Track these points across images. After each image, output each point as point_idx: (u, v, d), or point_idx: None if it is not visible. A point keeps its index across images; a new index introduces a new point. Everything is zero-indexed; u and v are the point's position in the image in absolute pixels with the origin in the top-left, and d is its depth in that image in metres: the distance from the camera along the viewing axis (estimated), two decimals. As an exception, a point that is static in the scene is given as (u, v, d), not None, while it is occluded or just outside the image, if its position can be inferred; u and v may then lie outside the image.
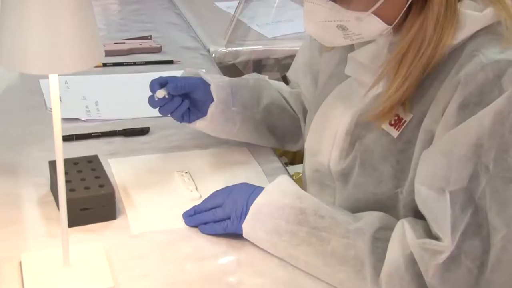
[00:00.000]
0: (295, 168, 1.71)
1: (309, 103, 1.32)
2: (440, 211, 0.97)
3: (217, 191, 1.18)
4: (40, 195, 1.22)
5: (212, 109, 1.30)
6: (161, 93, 1.26)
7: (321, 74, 1.27)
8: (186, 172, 1.29)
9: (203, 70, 1.36)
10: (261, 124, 1.36)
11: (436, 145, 0.99)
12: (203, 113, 1.30)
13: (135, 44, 1.88)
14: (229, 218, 1.12)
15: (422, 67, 1.01)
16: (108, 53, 1.80)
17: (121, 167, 1.32)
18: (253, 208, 1.10)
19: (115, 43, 1.88)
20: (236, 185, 1.16)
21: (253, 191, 1.12)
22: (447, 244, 0.96)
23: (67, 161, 1.07)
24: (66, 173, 0.98)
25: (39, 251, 1.07)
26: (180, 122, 1.32)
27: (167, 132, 1.45)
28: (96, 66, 1.70)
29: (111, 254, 1.08)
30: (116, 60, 1.80)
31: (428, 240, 0.99)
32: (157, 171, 1.32)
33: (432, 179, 0.98)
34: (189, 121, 1.32)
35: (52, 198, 1.21)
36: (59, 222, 1.00)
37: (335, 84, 1.18)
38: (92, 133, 1.43)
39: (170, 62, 1.82)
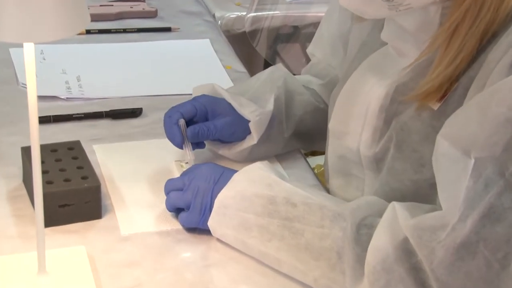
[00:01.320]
0: (316, 160, 1.71)
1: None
2: (456, 175, 0.94)
3: (185, 171, 1.19)
4: (10, 188, 1.22)
5: (246, 145, 1.30)
6: (191, 159, 1.24)
7: (351, 44, 1.27)
8: (187, 163, 1.29)
9: (240, 99, 1.31)
10: (290, 138, 1.36)
11: (474, 98, 0.97)
12: (226, 139, 1.30)
13: (125, 7, 1.89)
14: (188, 208, 1.13)
15: (480, 35, 1.00)
16: (93, 18, 1.80)
17: (108, 156, 1.32)
18: (217, 201, 1.11)
19: (101, 5, 1.88)
20: (201, 167, 1.17)
21: (219, 178, 1.13)
22: (450, 216, 0.94)
23: (43, 148, 1.08)
24: (42, 162, 0.99)
25: (9, 256, 1.07)
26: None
27: (163, 114, 1.45)
28: (78, 34, 1.70)
29: (95, 260, 1.09)
30: (103, 26, 1.80)
31: (423, 217, 0.97)
32: (151, 161, 1.32)
33: (458, 134, 0.95)
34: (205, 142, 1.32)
35: (25, 191, 1.21)
36: (34, 220, 1.00)
37: (367, 54, 1.18)
38: (74, 114, 1.43)
39: (167, 29, 1.82)
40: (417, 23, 1.07)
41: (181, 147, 1.26)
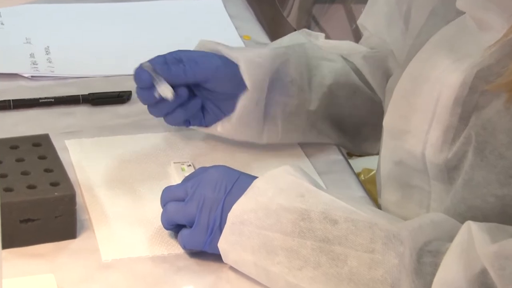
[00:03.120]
0: (362, 162, 1.71)
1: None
2: None
3: (188, 175, 1.20)
4: (-43, 196, 1.24)
5: (242, 102, 1.31)
6: (166, 91, 1.26)
7: (415, 14, 1.27)
8: (189, 165, 1.30)
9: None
10: (319, 117, 1.37)
11: None
12: (226, 111, 1.32)
13: (110, -45, 1.90)
14: (190, 224, 1.14)
15: None
16: (67, -30, 1.82)
17: (86, 154, 1.33)
18: (232, 216, 1.11)
19: (78, -47, 1.89)
20: (209, 170, 1.17)
21: (233, 185, 1.14)
22: None
23: (1, 143, 1.09)
24: (-1, 163, 1.00)
25: (-45, 286, 1.09)
26: (187, 127, 1.33)
27: (160, 100, 1.46)
28: (47, -9, 1.71)
29: (68, 293, 1.10)
30: (80, -19, 1.82)
31: (507, 242, 0.97)
32: (143, 162, 1.33)
33: None
34: (205, 125, 1.34)
35: (-24, 201, 1.23)
36: (-12, 240, 1.02)
37: (436, 27, 1.18)
38: (41, 98, 1.44)
39: (166, -15, 1.83)
40: None
41: (151, 87, 1.27)
